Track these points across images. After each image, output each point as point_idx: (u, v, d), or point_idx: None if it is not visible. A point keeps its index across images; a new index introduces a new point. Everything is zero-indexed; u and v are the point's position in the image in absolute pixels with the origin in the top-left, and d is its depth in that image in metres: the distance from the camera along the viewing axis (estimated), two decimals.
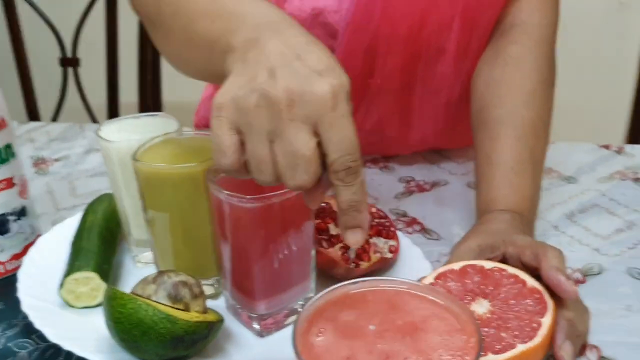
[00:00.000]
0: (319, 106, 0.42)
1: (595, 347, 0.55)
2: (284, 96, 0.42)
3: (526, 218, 0.64)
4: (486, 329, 0.48)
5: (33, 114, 1.47)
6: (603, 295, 0.61)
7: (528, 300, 0.50)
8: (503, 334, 0.48)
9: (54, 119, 1.51)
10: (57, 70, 1.48)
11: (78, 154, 0.98)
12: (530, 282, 0.51)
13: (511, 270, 0.53)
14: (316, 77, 0.43)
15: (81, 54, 1.46)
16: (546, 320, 0.48)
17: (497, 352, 0.47)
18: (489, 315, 0.49)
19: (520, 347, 0.47)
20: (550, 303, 0.50)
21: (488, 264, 0.53)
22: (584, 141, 0.96)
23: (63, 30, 1.45)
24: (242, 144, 0.45)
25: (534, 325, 0.48)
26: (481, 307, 0.50)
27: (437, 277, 0.53)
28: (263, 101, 0.43)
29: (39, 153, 0.98)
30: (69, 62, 1.47)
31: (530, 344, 0.47)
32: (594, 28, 1.83)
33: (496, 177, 0.67)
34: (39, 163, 0.95)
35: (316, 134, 0.43)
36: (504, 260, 0.56)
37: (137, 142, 0.60)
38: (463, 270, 0.53)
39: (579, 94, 1.64)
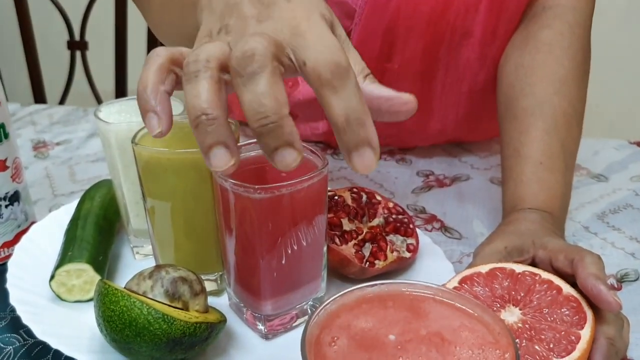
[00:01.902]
0: (288, 21, 0.38)
1: None
2: (254, 13, 0.39)
3: (557, 218, 0.59)
4: (517, 341, 0.43)
5: (39, 98, 1.43)
6: None
7: (564, 309, 0.45)
8: (537, 347, 0.43)
9: (61, 102, 1.48)
10: (65, 53, 1.45)
11: (80, 138, 0.94)
12: (567, 289, 0.46)
13: (545, 275, 0.48)
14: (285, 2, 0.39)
15: (89, 37, 1.43)
16: (586, 333, 0.43)
17: None
18: (520, 325, 0.44)
19: None
20: (589, 313, 0.45)
21: (519, 268, 0.48)
22: (613, 137, 0.91)
23: (71, 13, 1.41)
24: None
25: (572, 337, 0.43)
26: (512, 315, 0.45)
27: (462, 281, 0.48)
28: (234, 21, 0.40)
29: (40, 136, 0.94)
30: (77, 46, 1.44)
31: (568, 359, 0.42)
32: (626, 17, 1.76)
33: (525, 172, 0.62)
34: (39, 146, 0.91)
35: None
36: (533, 264, 0.51)
37: (138, 124, 0.55)
38: (491, 273, 0.48)
39: (608, 88, 1.57)
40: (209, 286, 0.56)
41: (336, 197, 0.62)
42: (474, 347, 0.36)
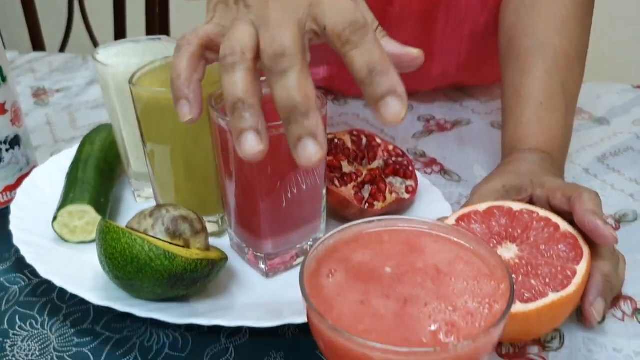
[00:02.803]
0: None
1: (630, 298, 0.51)
2: None
3: (556, 159, 0.59)
4: (513, 276, 0.44)
5: (38, 46, 1.42)
6: (639, 244, 0.57)
7: (561, 246, 0.45)
8: (533, 282, 0.43)
9: (61, 51, 1.46)
10: (63, 0, 1.42)
11: (79, 85, 0.93)
12: (564, 226, 0.47)
13: (542, 212, 0.48)
14: None
15: None
16: (582, 268, 0.44)
17: (526, 301, 0.42)
18: (517, 261, 0.45)
19: (552, 296, 0.42)
20: (586, 250, 0.45)
21: (516, 206, 0.49)
22: (616, 81, 0.90)
23: None
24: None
25: (568, 273, 0.44)
26: (508, 251, 0.46)
27: (460, 219, 0.49)
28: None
29: (40, 83, 0.94)
30: None
31: (563, 293, 0.42)
32: None
33: (525, 113, 0.61)
34: (40, 94, 0.91)
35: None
36: (531, 203, 0.51)
37: (136, 66, 0.55)
38: (489, 211, 0.48)
39: (610, 31, 1.54)
40: (210, 228, 0.57)
41: (336, 140, 0.62)
42: (469, 278, 0.36)
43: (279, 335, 0.48)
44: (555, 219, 0.47)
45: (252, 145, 0.38)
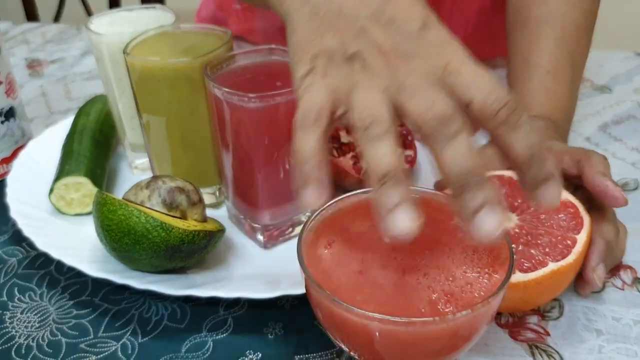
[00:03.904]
0: (437, 59, 0.35)
1: (629, 267, 0.51)
2: (389, 45, 0.35)
3: (560, 128, 0.58)
4: (514, 245, 0.44)
5: (32, 16, 1.40)
6: (639, 213, 0.56)
7: (561, 215, 0.45)
8: (532, 251, 0.43)
9: (55, 21, 1.44)
10: None
11: (74, 56, 0.92)
12: (565, 195, 0.46)
13: None
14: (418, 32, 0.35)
15: None
16: (582, 237, 0.43)
17: (525, 271, 0.42)
18: (517, 231, 0.45)
19: (552, 266, 0.42)
20: (586, 219, 0.45)
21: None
22: (619, 49, 0.89)
23: None
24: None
25: (568, 242, 0.43)
26: (509, 221, 0.45)
27: None
28: (367, 51, 0.35)
29: (34, 55, 0.93)
30: None
31: (563, 262, 0.42)
32: None
33: (533, 80, 0.60)
34: (34, 65, 0.89)
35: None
36: None
37: (130, 35, 0.54)
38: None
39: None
40: (208, 199, 0.56)
41: None
42: (468, 248, 0.36)
43: (277, 307, 0.48)
44: None
45: (406, 218, 0.33)
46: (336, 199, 0.39)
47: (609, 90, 0.78)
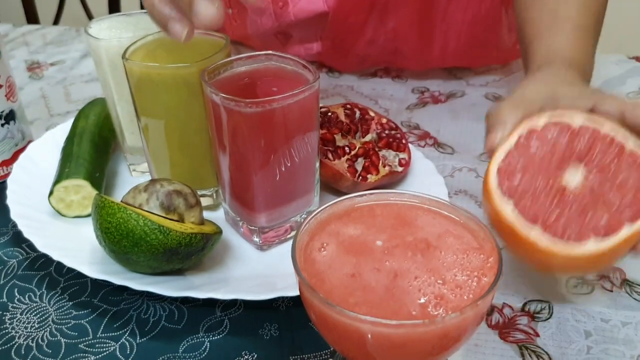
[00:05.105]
0: None
1: (618, 269, 0.52)
2: None
3: (588, 77, 0.56)
4: (582, 204, 0.40)
5: (32, 18, 1.41)
6: None
7: (629, 168, 0.41)
8: (603, 211, 0.40)
9: (55, 23, 1.45)
10: None
11: (74, 58, 0.93)
12: (631, 143, 0.41)
13: (606, 127, 0.42)
14: None
15: None
16: None
17: (602, 235, 0.39)
18: (584, 187, 0.41)
19: (627, 229, 0.39)
20: None
21: (576, 120, 0.42)
22: (612, 52, 0.90)
23: None
24: None
25: None
26: (575, 176, 0.41)
27: (520, 140, 0.43)
28: None
29: (34, 57, 0.94)
30: None
31: (637, 226, 0.39)
32: None
33: (564, 29, 0.57)
34: (34, 67, 0.90)
35: None
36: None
37: (129, 40, 0.55)
38: (546, 128, 0.43)
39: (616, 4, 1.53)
40: (205, 201, 0.57)
41: (329, 114, 0.62)
42: (459, 252, 0.37)
43: (273, 308, 0.49)
44: (622, 134, 0.42)
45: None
46: (330, 202, 0.40)
47: None
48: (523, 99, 0.47)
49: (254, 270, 0.52)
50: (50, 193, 0.56)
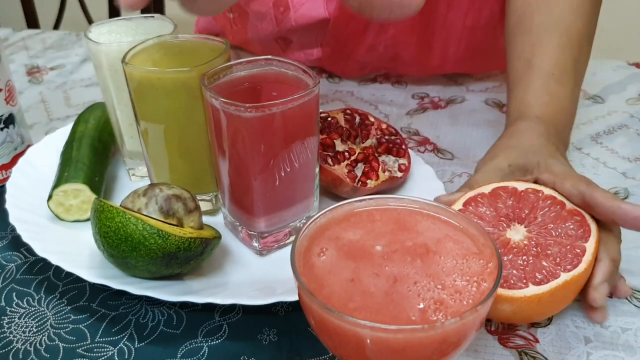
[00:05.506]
0: None
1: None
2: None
3: (561, 132, 0.58)
4: (524, 257, 0.44)
5: (32, 23, 1.41)
6: None
7: (568, 224, 0.45)
8: (544, 263, 0.44)
9: (55, 28, 1.45)
10: None
11: (74, 62, 0.93)
12: (570, 204, 0.47)
13: (547, 191, 0.48)
14: None
15: None
16: (590, 245, 0.44)
17: (538, 283, 0.42)
18: (526, 242, 0.45)
19: (564, 277, 0.42)
20: (593, 226, 0.45)
21: (521, 185, 0.49)
22: (612, 58, 0.90)
23: None
24: None
25: (577, 251, 0.44)
26: (517, 233, 0.46)
27: (466, 203, 0.48)
28: None
29: (34, 61, 0.94)
30: None
31: (575, 272, 0.43)
32: None
33: (535, 82, 0.60)
34: (33, 72, 0.90)
35: None
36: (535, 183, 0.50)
37: (128, 44, 0.55)
38: (494, 192, 0.48)
39: (607, 7, 1.53)
40: (204, 206, 0.57)
41: (329, 119, 0.62)
42: (458, 257, 0.37)
43: (272, 313, 0.49)
44: (560, 197, 0.47)
45: None
46: (329, 207, 0.40)
47: (602, 100, 0.79)
48: (494, 168, 0.53)
49: (253, 275, 0.52)
50: (49, 197, 0.56)
